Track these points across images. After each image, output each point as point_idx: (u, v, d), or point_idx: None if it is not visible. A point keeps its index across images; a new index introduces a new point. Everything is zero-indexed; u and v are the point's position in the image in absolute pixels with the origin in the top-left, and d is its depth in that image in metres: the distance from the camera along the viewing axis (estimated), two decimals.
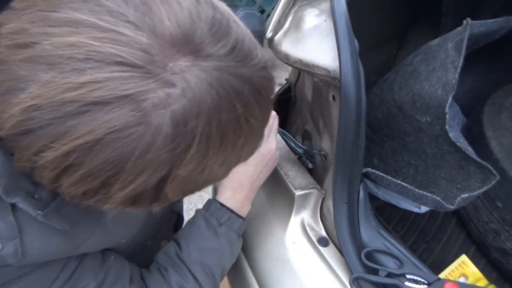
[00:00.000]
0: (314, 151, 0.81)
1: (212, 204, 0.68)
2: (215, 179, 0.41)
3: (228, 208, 0.67)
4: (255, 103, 0.37)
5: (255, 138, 0.41)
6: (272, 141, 0.73)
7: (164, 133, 0.32)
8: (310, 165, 0.86)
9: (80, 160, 0.31)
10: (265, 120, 0.41)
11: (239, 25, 0.38)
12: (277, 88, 1.03)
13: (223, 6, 0.38)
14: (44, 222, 0.42)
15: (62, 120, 0.30)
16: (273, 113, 0.74)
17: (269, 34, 0.80)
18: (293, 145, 0.84)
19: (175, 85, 0.32)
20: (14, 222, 0.41)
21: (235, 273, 0.85)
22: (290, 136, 0.85)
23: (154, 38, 0.32)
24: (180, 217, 0.89)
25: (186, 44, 0.33)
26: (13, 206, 0.41)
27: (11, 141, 0.33)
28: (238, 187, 0.69)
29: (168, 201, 0.39)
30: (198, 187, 0.40)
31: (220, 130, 0.35)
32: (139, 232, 0.65)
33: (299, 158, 0.88)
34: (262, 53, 0.40)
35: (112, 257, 0.58)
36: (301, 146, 0.84)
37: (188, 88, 0.32)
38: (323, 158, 0.81)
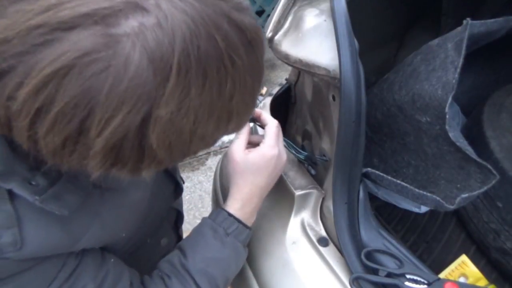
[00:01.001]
0: (317, 157, 0.80)
1: (220, 213, 0.66)
2: (204, 137, 0.38)
3: (235, 218, 0.66)
4: (239, 42, 0.35)
5: (245, 91, 0.38)
6: (282, 150, 0.71)
7: (136, 61, 0.30)
8: (312, 171, 0.85)
9: (51, 97, 0.30)
10: (253, 71, 0.38)
11: None
12: (277, 88, 1.04)
13: None
14: (42, 210, 0.42)
15: (31, 55, 0.29)
16: (276, 122, 0.73)
17: (269, 34, 0.80)
18: (294, 151, 0.83)
19: (149, 12, 0.31)
20: (12, 210, 0.41)
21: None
22: (291, 143, 0.84)
23: None
24: (179, 214, 0.88)
25: None
26: (11, 195, 0.41)
27: None
28: (249, 199, 0.68)
29: (157, 162, 0.36)
30: (186, 144, 0.37)
31: (200, 63, 0.32)
32: (139, 228, 0.64)
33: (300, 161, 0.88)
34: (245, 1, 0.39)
35: (112, 260, 0.57)
36: (303, 152, 0.83)
37: (161, 14, 0.31)
38: (326, 162, 0.81)
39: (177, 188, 0.84)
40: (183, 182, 0.90)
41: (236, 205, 0.68)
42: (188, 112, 0.33)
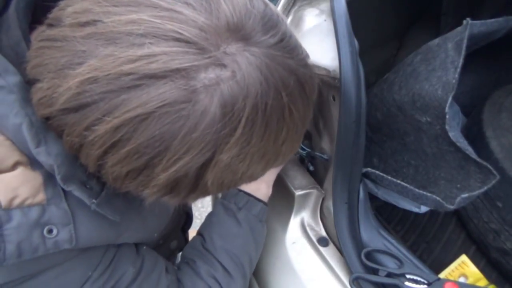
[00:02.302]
0: (317, 153, 0.80)
1: (229, 192, 0.68)
2: (252, 175, 0.41)
3: (245, 193, 0.67)
4: (299, 96, 0.38)
5: (295, 137, 0.41)
6: None
7: (212, 113, 0.32)
8: (311, 168, 0.86)
9: (128, 136, 0.32)
10: (305, 119, 0.42)
11: (286, 22, 0.40)
12: None
13: (272, 4, 0.40)
14: (94, 211, 0.44)
15: (116, 94, 0.31)
16: None
17: None
18: None
19: (226, 66, 0.33)
20: (67, 208, 0.43)
21: None
22: None
23: (210, 19, 0.33)
24: (188, 217, 0.89)
25: (240, 29, 0.34)
26: (65, 195, 0.43)
27: (60, 119, 0.34)
28: None
29: (206, 193, 0.40)
30: (236, 181, 0.40)
31: (265, 117, 0.35)
32: (164, 229, 0.66)
33: (300, 159, 0.88)
34: (307, 52, 0.41)
35: (144, 247, 0.59)
36: (305, 148, 0.83)
37: (238, 70, 0.33)
38: (325, 161, 0.81)
39: None
40: None
41: None
42: (246, 157, 0.36)
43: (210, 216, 0.68)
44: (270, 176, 0.72)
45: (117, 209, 0.46)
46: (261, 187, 0.70)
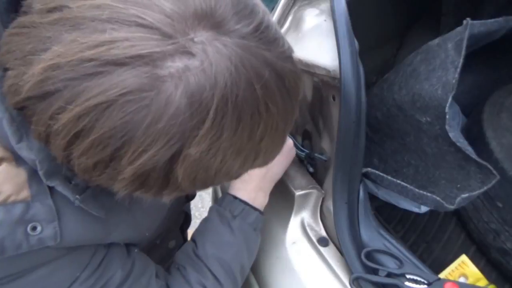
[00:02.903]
0: (316, 154, 0.80)
1: (225, 197, 0.68)
2: (228, 173, 0.39)
3: (241, 201, 0.66)
4: (276, 90, 0.36)
5: (276, 134, 0.39)
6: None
7: (177, 103, 0.31)
8: (311, 169, 0.85)
9: (91, 125, 0.31)
10: (286, 116, 0.39)
11: (266, 12, 0.38)
12: None
13: None
14: (80, 208, 0.43)
15: (78, 81, 0.31)
16: None
17: None
18: (295, 147, 0.83)
19: (194, 56, 0.32)
20: (52, 205, 0.42)
21: None
22: (292, 139, 0.84)
23: (177, 5, 0.32)
24: (187, 217, 0.89)
25: (209, 16, 0.33)
26: (51, 191, 0.42)
27: (29, 109, 0.33)
28: (247, 177, 0.67)
29: (179, 190, 0.38)
30: (211, 178, 0.38)
31: (237, 110, 0.33)
32: (157, 228, 0.66)
33: (300, 160, 0.88)
34: (290, 46, 0.40)
35: (136, 250, 0.59)
36: (303, 149, 0.83)
37: (206, 59, 0.32)
38: (325, 162, 0.81)
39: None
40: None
41: (236, 185, 0.69)
42: (217, 152, 0.35)
43: (204, 222, 0.67)
44: (266, 184, 0.71)
45: (102, 206, 0.46)
46: (258, 196, 0.69)
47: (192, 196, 0.87)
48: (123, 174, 0.34)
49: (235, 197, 0.67)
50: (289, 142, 0.73)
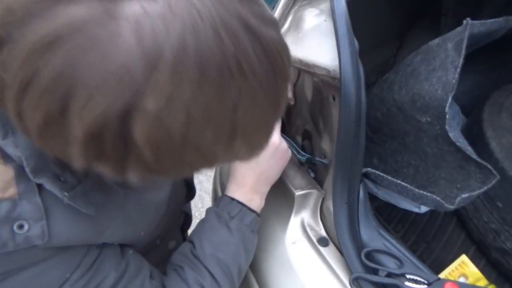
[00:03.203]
0: (317, 158, 0.80)
1: (222, 199, 0.68)
2: (199, 146, 0.33)
3: (238, 202, 0.67)
4: (251, 50, 0.31)
5: (256, 111, 0.34)
6: (280, 138, 0.72)
7: (127, 45, 0.28)
8: (312, 174, 0.85)
9: (36, 70, 0.28)
10: (271, 94, 0.34)
11: None
12: None
13: None
14: (69, 205, 0.42)
15: (25, 24, 0.28)
16: None
17: None
18: (295, 152, 0.83)
19: (156, 0, 0.29)
20: (40, 203, 0.41)
21: None
22: (293, 143, 0.84)
23: None
24: (187, 217, 0.89)
25: None
26: (40, 189, 0.41)
27: None
28: (242, 179, 0.69)
29: (144, 164, 0.33)
30: (178, 150, 0.32)
31: (198, 58, 0.29)
32: (155, 230, 0.65)
33: (301, 163, 0.88)
34: (273, 16, 0.36)
35: (131, 251, 0.58)
36: (304, 154, 0.83)
37: (166, 2, 0.29)
38: (323, 157, 0.81)
39: (190, 192, 0.85)
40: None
41: (231, 187, 0.69)
42: (178, 110, 0.30)
43: (202, 223, 0.67)
44: (262, 187, 0.71)
45: (92, 203, 0.44)
46: (254, 198, 0.69)
47: (192, 195, 0.87)
48: (74, 132, 0.30)
49: (232, 199, 0.67)
50: (283, 144, 0.73)
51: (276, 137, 0.71)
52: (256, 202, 0.69)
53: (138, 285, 0.55)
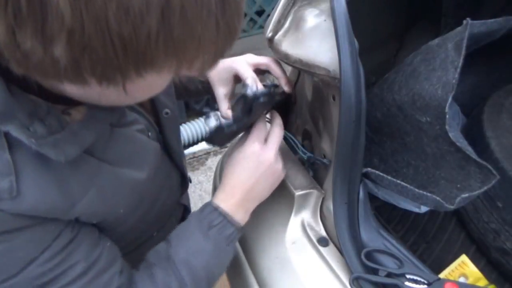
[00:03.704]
0: (318, 157, 0.80)
1: (207, 207, 0.67)
2: (124, 39, 0.30)
3: (221, 213, 0.66)
4: None
5: (187, 17, 0.32)
6: (270, 148, 0.70)
7: None
8: (311, 173, 0.85)
9: None
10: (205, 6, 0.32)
11: None
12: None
13: None
14: (40, 164, 0.42)
15: None
16: (278, 121, 0.73)
17: (269, 34, 0.80)
18: (297, 149, 0.83)
19: None
20: (10, 159, 0.41)
21: (235, 272, 0.85)
22: (296, 141, 0.84)
23: None
24: (186, 210, 0.89)
25: None
26: (10, 146, 0.41)
27: None
28: (230, 190, 0.68)
29: (69, 34, 0.30)
30: (105, 22, 0.29)
31: None
32: (145, 214, 0.64)
33: (301, 161, 0.88)
34: None
35: (108, 244, 0.57)
36: (307, 152, 0.83)
37: None
38: (323, 157, 0.81)
39: (184, 182, 0.84)
40: (190, 181, 0.91)
41: (219, 195, 0.68)
42: None
43: (183, 226, 0.67)
44: (249, 203, 0.69)
45: (62, 152, 0.43)
46: (238, 211, 0.68)
47: (186, 185, 0.85)
48: None
49: (216, 208, 0.66)
50: (279, 164, 0.71)
51: (271, 155, 0.70)
52: (240, 215, 0.68)
53: (106, 279, 0.54)
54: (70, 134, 0.44)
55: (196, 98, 1.01)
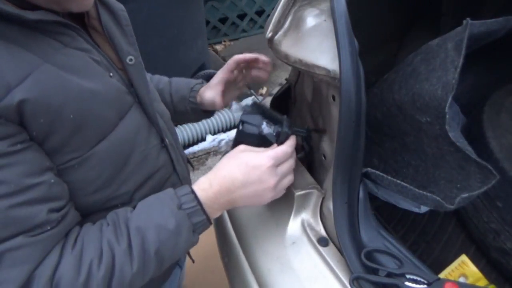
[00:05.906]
0: (296, 129, 0.77)
1: (185, 188, 0.65)
2: None
3: (197, 199, 0.63)
4: None
5: None
6: (267, 156, 0.67)
7: None
8: (306, 148, 0.84)
9: None
10: None
11: None
12: (277, 88, 1.04)
13: None
14: None
15: None
16: (291, 142, 0.72)
17: (269, 34, 0.80)
18: (295, 128, 0.80)
19: None
20: None
21: (235, 272, 0.85)
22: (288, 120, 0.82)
23: None
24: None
25: None
26: None
27: None
28: (217, 183, 0.66)
29: None
30: None
31: None
32: (110, 159, 0.62)
33: (301, 161, 0.88)
34: None
35: (52, 181, 0.54)
36: (303, 129, 0.80)
37: None
38: (323, 157, 0.81)
39: (163, 144, 0.77)
40: (192, 168, 0.90)
41: (202, 184, 0.66)
42: None
43: (153, 196, 0.64)
44: (228, 204, 0.67)
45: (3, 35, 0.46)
46: (215, 206, 0.66)
47: (165, 147, 0.79)
48: None
49: (194, 193, 0.64)
50: (263, 163, 0.67)
51: (266, 161, 0.67)
52: (213, 210, 0.66)
53: (31, 212, 0.51)
54: None
55: (184, 119, 1.00)
